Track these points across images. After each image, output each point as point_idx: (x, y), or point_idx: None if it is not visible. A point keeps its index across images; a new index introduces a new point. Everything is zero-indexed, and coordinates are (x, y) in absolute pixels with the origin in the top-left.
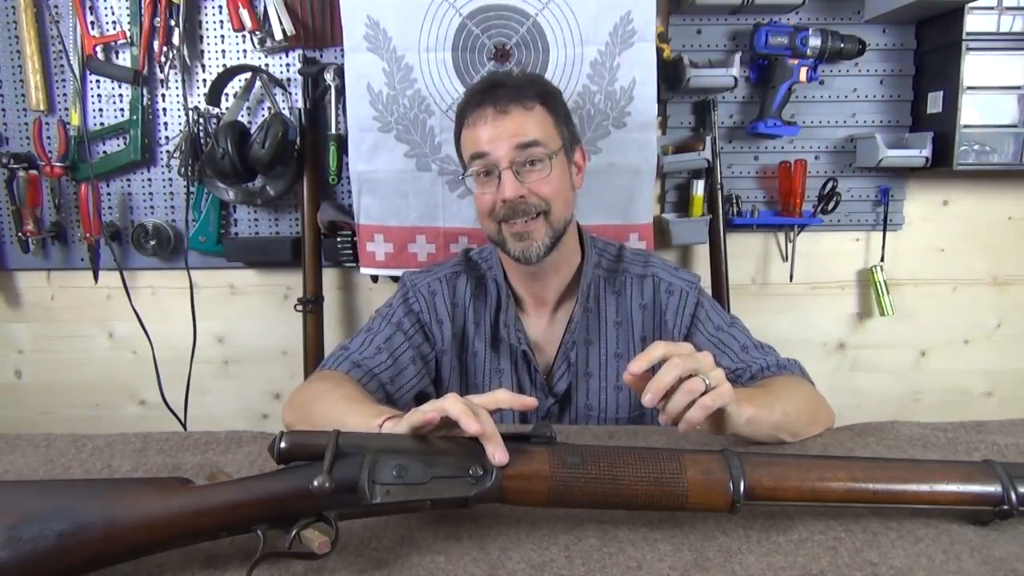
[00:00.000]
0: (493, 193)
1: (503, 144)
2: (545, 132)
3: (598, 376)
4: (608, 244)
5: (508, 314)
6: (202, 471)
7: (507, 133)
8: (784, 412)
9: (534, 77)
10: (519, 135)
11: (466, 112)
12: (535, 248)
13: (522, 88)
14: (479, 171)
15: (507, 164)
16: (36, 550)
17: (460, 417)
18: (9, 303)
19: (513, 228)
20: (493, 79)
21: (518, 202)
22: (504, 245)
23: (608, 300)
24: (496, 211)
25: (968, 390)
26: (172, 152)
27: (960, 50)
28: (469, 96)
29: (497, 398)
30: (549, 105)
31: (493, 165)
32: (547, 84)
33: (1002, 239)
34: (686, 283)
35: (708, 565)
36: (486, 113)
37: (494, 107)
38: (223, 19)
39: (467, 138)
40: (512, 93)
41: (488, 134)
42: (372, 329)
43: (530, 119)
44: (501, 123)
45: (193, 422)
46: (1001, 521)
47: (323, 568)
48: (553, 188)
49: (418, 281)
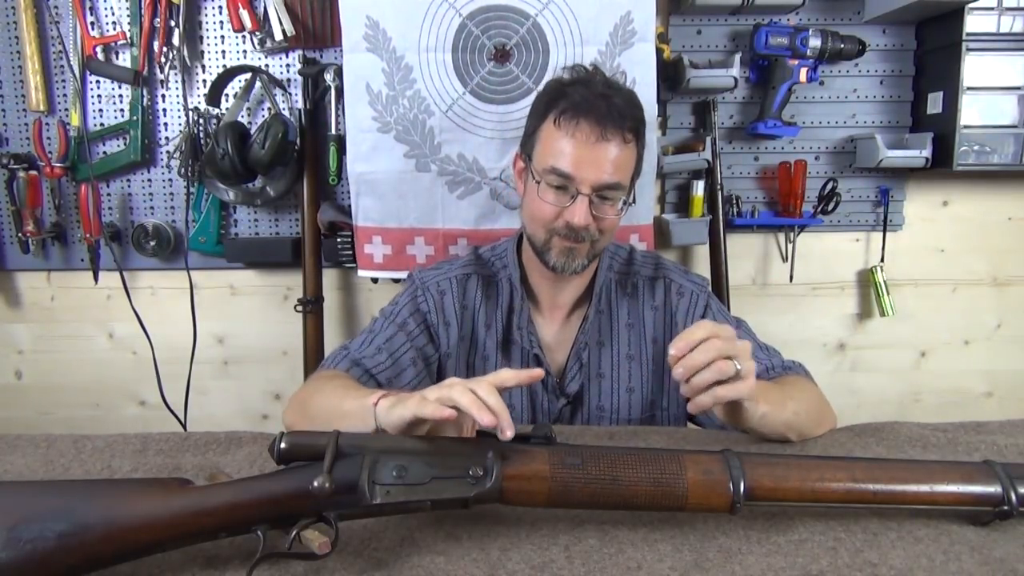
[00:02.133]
0: (559, 208)
1: (592, 173)
2: (628, 173)
3: (610, 377)
4: (619, 247)
5: (522, 316)
6: (202, 472)
7: (599, 163)
8: (795, 412)
9: (635, 100)
10: (609, 173)
11: (564, 111)
12: (575, 264)
13: (626, 115)
14: (554, 183)
15: (588, 191)
16: (36, 551)
17: (471, 409)
18: (9, 303)
19: (563, 243)
20: (597, 86)
21: (581, 229)
22: (545, 254)
23: (620, 302)
24: (556, 225)
25: (968, 390)
26: (172, 152)
27: (960, 50)
28: (571, 95)
29: (502, 377)
30: (639, 140)
31: (573, 186)
32: (643, 113)
33: (1002, 239)
34: (696, 286)
35: (708, 566)
36: (587, 130)
37: (599, 127)
38: (223, 19)
39: (553, 142)
40: (618, 117)
41: (581, 156)
42: (374, 330)
43: (624, 155)
44: (598, 151)
45: (193, 423)
46: (1001, 521)
47: (323, 568)
48: (615, 224)
49: (428, 279)
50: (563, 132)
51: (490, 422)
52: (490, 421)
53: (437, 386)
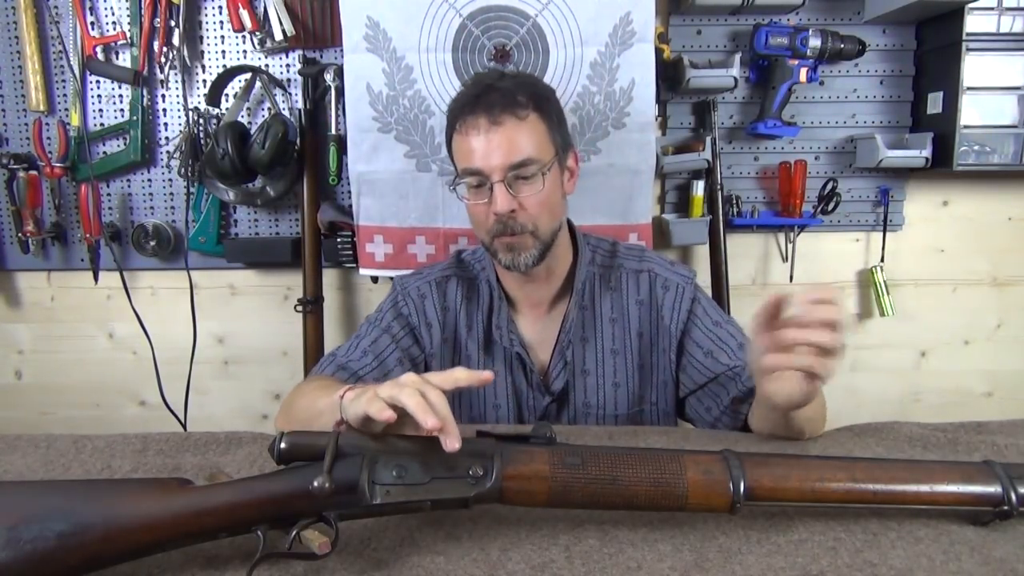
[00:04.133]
0: (485, 205)
1: (496, 159)
2: (538, 144)
3: (595, 373)
4: (601, 240)
5: (501, 316)
6: (202, 472)
7: (500, 148)
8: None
9: (526, 79)
10: (512, 152)
11: (458, 117)
12: (523, 259)
13: (514, 94)
14: (472, 184)
15: (499, 178)
16: (36, 551)
17: (417, 412)
18: (9, 303)
19: (502, 241)
20: (485, 80)
21: (508, 217)
22: (495, 255)
23: (603, 297)
24: (490, 226)
25: (968, 390)
26: (172, 152)
27: (960, 50)
28: (461, 100)
29: (456, 376)
30: (543, 111)
31: (485, 179)
32: (540, 87)
33: (1002, 239)
34: (682, 278)
35: (708, 566)
36: (479, 123)
37: (488, 116)
38: (223, 19)
39: (459, 147)
40: (505, 101)
41: (481, 148)
42: (359, 335)
43: (523, 131)
44: (494, 135)
45: (193, 422)
46: (1001, 521)
47: (323, 569)
48: (543, 203)
49: (408, 284)
50: (462, 135)
51: (434, 426)
52: (434, 425)
53: (391, 383)
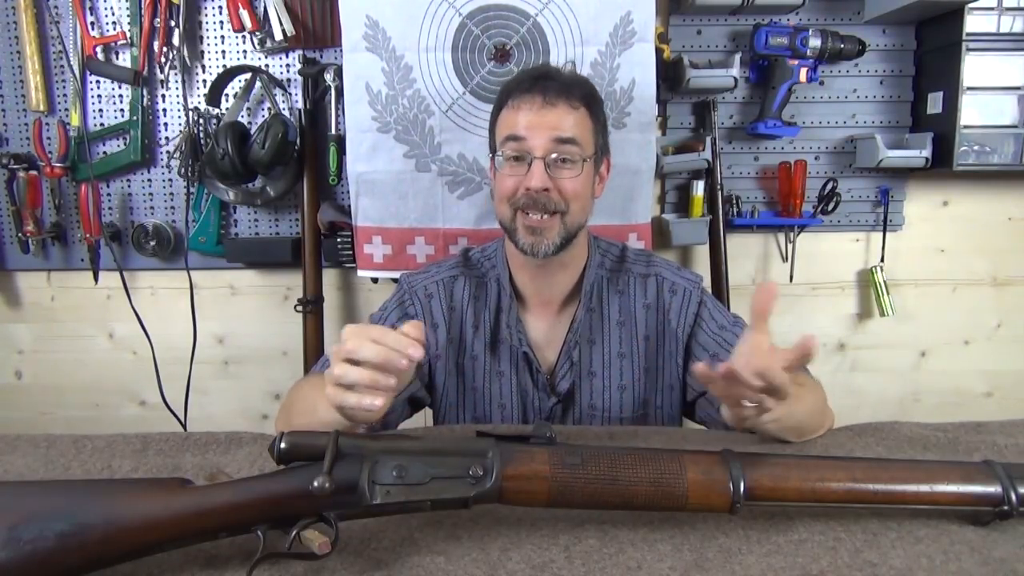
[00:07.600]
0: (519, 179)
1: (543, 133)
2: (584, 134)
3: (601, 376)
4: (611, 244)
5: (511, 315)
6: (202, 471)
7: (549, 124)
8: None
9: (583, 80)
10: (560, 129)
11: (512, 94)
12: (545, 245)
13: (572, 87)
14: (510, 154)
15: (541, 154)
16: (36, 551)
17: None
18: (9, 303)
19: (528, 220)
20: (546, 70)
21: (541, 195)
22: (514, 234)
23: (611, 300)
24: (516, 197)
25: (968, 390)
26: (172, 153)
27: (960, 50)
28: (518, 80)
29: (404, 330)
30: (592, 110)
31: (527, 152)
32: (594, 90)
33: (1002, 239)
34: (689, 282)
35: (708, 566)
36: (534, 100)
37: (543, 96)
38: (223, 19)
39: (506, 118)
40: (562, 88)
41: (530, 120)
42: None
43: (573, 118)
44: (545, 113)
45: (193, 422)
46: (1001, 521)
47: (323, 569)
48: (577, 189)
49: (415, 283)
50: (512, 109)
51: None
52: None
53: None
